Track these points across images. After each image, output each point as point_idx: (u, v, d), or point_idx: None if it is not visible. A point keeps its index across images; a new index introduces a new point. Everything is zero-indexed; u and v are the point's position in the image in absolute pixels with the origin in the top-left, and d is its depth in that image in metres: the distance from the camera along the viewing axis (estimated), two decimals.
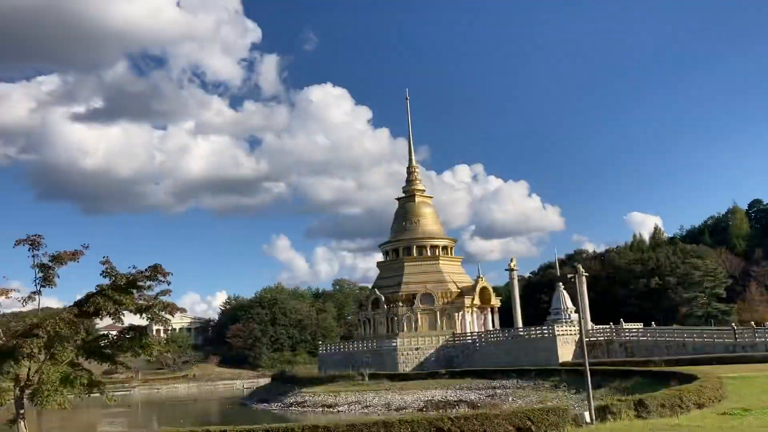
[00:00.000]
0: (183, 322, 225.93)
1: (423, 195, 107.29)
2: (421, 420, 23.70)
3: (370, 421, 23.35)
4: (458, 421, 23.92)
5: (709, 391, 32.96)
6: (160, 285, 26.41)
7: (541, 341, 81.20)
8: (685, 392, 31.14)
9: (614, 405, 27.94)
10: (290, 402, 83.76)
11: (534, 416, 25.04)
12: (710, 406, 32.38)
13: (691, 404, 31.19)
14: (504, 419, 24.53)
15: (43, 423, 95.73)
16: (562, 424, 25.55)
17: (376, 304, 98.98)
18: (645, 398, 29.11)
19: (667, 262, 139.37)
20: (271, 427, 23.24)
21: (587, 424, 26.72)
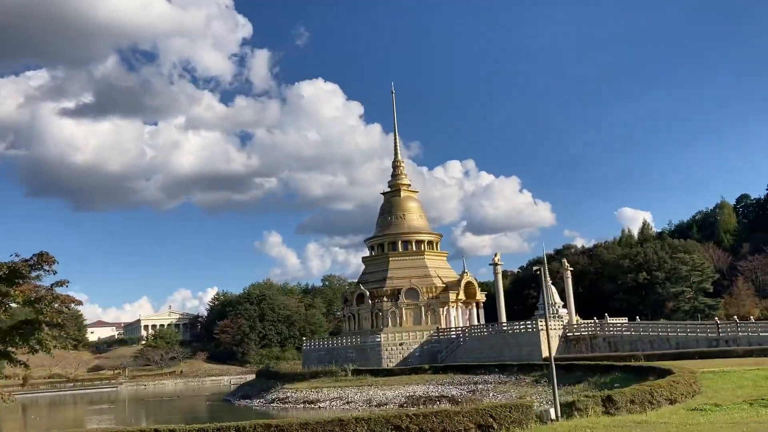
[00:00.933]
0: (171, 318, 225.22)
1: (408, 189, 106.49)
2: (378, 418, 22.96)
3: (324, 420, 22.61)
4: (417, 418, 23.20)
5: (681, 387, 32.35)
6: (50, 275, 25.12)
7: (524, 336, 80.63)
8: (656, 388, 30.50)
9: (581, 401, 27.24)
10: (272, 398, 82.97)
11: (496, 413, 24.32)
12: (682, 402, 31.82)
13: (663, 400, 30.59)
14: (465, 417, 23.82)
15: (29, 419, 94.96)
16: (525, 421, 24.85)
17: (361, 299, 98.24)
18: (613, 394, 28.45)
19: (655, 257, 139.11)
20: (223, 425, 22.47)
21: (552, 420, 26.03)
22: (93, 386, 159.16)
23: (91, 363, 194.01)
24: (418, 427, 23.15)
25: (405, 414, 23.32)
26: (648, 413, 28.27)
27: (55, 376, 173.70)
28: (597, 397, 28.04)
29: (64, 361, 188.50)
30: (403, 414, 23.33)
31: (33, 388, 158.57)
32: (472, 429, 23.78)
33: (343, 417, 22.98)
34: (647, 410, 29.09)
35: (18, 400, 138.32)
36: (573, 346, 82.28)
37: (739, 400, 31.36)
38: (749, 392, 34.79)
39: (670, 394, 31.16)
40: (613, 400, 28.00)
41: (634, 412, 28.53)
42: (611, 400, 27.97)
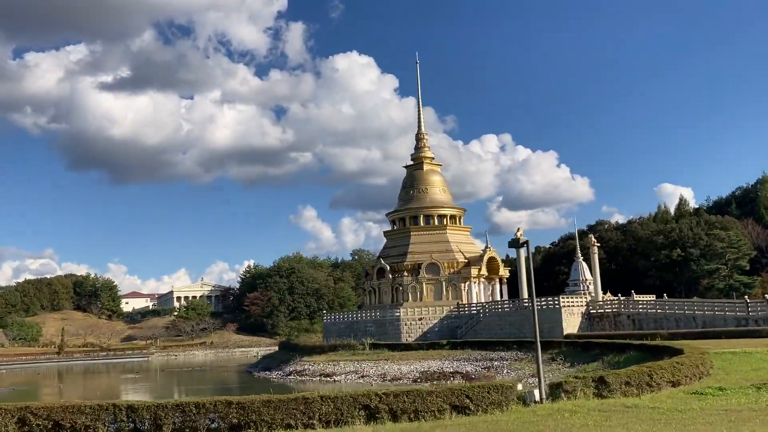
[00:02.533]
0: (203, 290, 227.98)
1: (432, 163, 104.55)
2: (345, 396, 21.88)
3: (288, 398, 21.61)
4: (387, 398, 22.03)
5: (686, 368, 30.50)
6: None
7: (545, 312, 78.82)
8: (656, 369, 28.71)
9: (569, 382, 25.61)
10: (290, 371, 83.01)
11: (473, 394, 22.99)
12: (686, 384, 30.01)
13: (664, 382, 28.81)
14: (439, 397, 22.55)
15: (65, 387, 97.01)
16: (506, 403, 23.47)
17: (382, 273, 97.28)
18: (606, 375, 26.79)
19: (690, 233, 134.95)
20: (184, 401, 21.68)
21: (536, 402, 24.60)
22: (125, 356, 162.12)
23: (124, 333, 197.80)
24: (389, 407, 22.01)
25: (375, 393, 22.19)
26: (644, 396, 26.61)
27: (88, 345, 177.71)
28: (588, 378, 26.40)
29: (98, 331, 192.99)
30: (372, 393, 22.20)
31: (68, 356, 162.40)
32: (446, 410, 22.53)
33: (308, 395, 21.97)
34: (645, 393, 27.40)
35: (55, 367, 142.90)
36: (596, 323, 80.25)
37: (747, 384, 29.45)
38: (762, 375, 32.78)
39: (673, 376, 29.36)
40: (606, 381, 26.35)
41: (630, 395, 26.86)
42: (604, 382, 26.33)
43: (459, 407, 22.79)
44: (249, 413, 21.30)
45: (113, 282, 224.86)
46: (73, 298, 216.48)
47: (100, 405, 21.20)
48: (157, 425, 21.28)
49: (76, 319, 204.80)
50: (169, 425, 21.30)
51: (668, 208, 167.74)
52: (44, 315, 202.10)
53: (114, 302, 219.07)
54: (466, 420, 21.81)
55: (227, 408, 21.37)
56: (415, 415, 22.15)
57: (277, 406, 21.38)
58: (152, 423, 21.28)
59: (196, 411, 21.41)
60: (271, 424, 21.18)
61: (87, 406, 21.07)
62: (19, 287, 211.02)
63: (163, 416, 21.34)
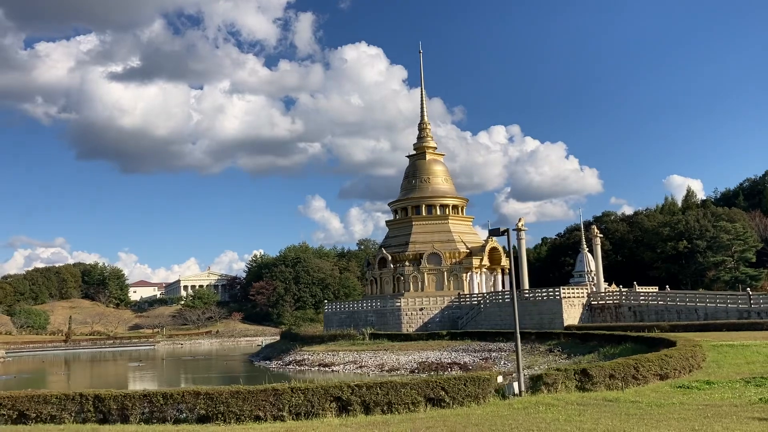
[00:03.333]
0: (210, 279, 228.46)
1: (434, 152, 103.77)
2: (316, 388, 21.44)
3: (257, 389, 21.21)
4: (359, 390, 21.57)
5: (675, 361, 29.87)
6: None
7: (546, 303, 78.29)
8: (642, 362, 28.09)
9: (549, 375, 25.02)
10: (289, 360, 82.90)
11: (449, 386, 22.49)
12: (675, 377, 29.43)
13: (651, 375, 28.22)
14: (413, 389, 22.06)
15: (74, 375, 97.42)
16: (483, 396, 22.95)
17: (383, 263, 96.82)
18: (590, 368, 26.18)
19: (697, 225, 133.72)
20: (150, 392, 21.32)
21: (515, 395, 24.07)
22: (131, 344, 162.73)
23: (131, 321, 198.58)
24: (361, 399, 21.55)
25: (346, 385, 21.73)
26: (628, 390, 26.04)
27: (96, 333, 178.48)
28: (570, 370, 25.78)
29: (105, 319, 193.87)
30: (344, 385, 21.75)
31: (75, 344, 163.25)
32: (421, 403, 22.04)
33: (278, 386, 21.54)
34: (630, 386, 26.83)
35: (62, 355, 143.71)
36: (598, 314, 79.56)
37: (737, 378, 28.85)
38: (754, 369, 32.18)
39: (661, 369, 28.74)
40: (588, 374, 25.76)
41: (615, 388, 26.29)
42: (587, 375, 25.74)
43: (434, 400, 22.30)
44: (217, 404, 20.92)
45: (121, 271, 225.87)
46: (81, 287, 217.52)
47: (66, 395, 20.89)
48: (125, 415, 20.94)
49: (84, 308, 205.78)
50: (136, 415, 20.96)
51: (675, 200, 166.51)
52: (52, 303, 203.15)
53: (122, 291, 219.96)
54: (439, 413, 21.32)
55: (195, 399, 20.98)
56: (389, 408, 21.69)
57: (246, 397, 20.97)
58: (119, 413, 20.93)
59: (164, 401, 21.06)
60: (240, 415, 20.79)
61: (53, 396, 20.76)
62: (28, 276, 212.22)
63: (130, 406, 21.00)
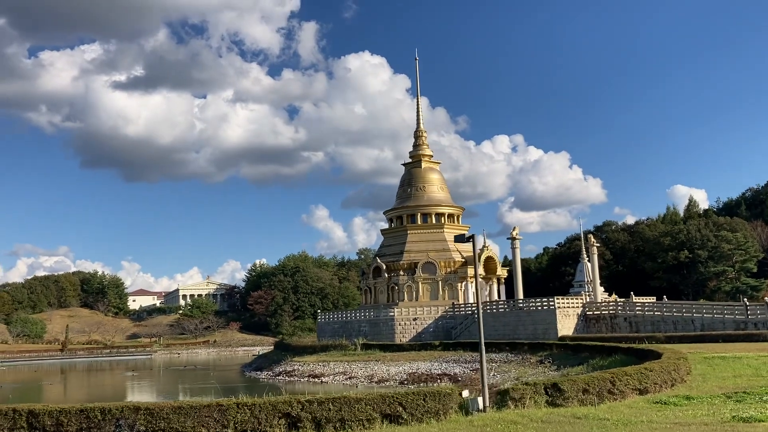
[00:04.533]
0: (209, 288, 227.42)
1: (430, 161, 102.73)
2: (264, 404, 20.25)
3: (201, 404, 20.05)
4: (310, 405, 20.38)
5: (656, 375, 28.55)
6: None
7: (540, 314, 76.92)
8: (619, 376, 26.78)
9: (517, 389, 23.74)
10: (280, 371, 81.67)
11: (407, 402, 21.26)
12: (655, 392, 28.09)
13: (629, 390, 26.90)
14: (368, 405, 20.84)
15: (69, 385, 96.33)
16: (443, 412, 21.72)
17: (378, 272, 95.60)
18: (561, 382, 24.89)
19: (698, 234, 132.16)
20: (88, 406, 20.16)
21: (479, 411, 22.84)
22: (128, 353, 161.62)
23: (129, 330, 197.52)
24: (311, 415, 20.34)
25: (296, 400, 20.53)
26: (602, 405, 24.73)
27: (93, 343, 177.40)
28: (540, 384, 24.50)
29: (103, 328, 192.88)
30: (294, 400, 20.54)
31: (71, 353, 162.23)
32: (376, 419, 20.81)
33: (223, 401, 20.35)
34: (606, 401, 25.53)
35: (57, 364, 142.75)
36: (593, 325, 78.16)
37: (720, 392, 27.53)
38: (739, 383, 30.83)
39: (639, 383, 27.42)
40: (560, 389, 24.47)
41: (589, 403, 24.99)
42: (558, 389, 24.45)
43: (391, 416, 21.06)
44: (158, 420, 19.78)
45: (120, 280, 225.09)
46: (80, 296, 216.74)
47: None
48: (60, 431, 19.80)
49: (83, 317, 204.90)
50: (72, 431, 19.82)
51: (677, 210, 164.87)
52: (51, 312, 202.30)
53: (121, 300, 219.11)
54: (394, 430, 20.13)
55: (135, 414, 19.84)
56: (341, 425, 20.48)
57: (188, 412, 19.81)
58: (55, 429, 19.79)
59: (102, 417, 19.92)
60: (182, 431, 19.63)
61: None
62: (27, 284, 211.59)
63: (66, 422, 19.87)
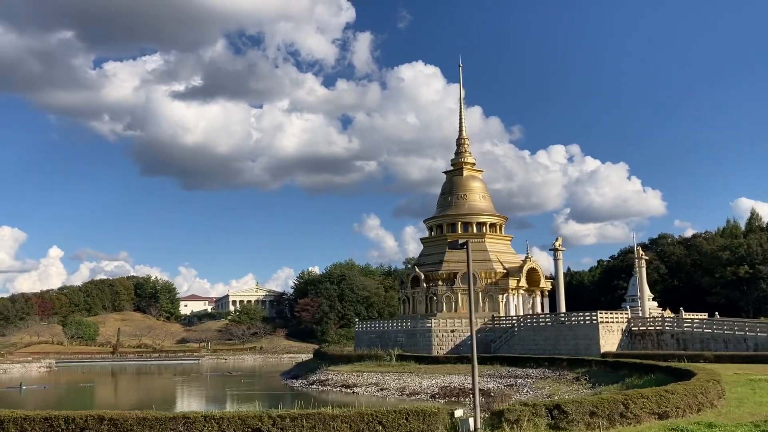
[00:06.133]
0: (258, 294, 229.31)
1: (472, 168, 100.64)
2: (233, 417, 19.08)
3: (167, 417, 19.02)
4: (282, 421, 19.10)
5: (678, 398, 26.21)
6: None
7: (581, 328, 73.86)
8: (635, 398, 24.60)
9: (512, 411, 21.97)
10: (314, 380, 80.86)
11: (388, 420, 19.77)
12: (677, 417, 25.77)
13: (645, 414, 24.68)
14: (344, 422, 19.44)
15: (120, 388, 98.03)
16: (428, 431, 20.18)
17: (416, 282, 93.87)
18: (564, 404, 22.92)
19: (759, 249, 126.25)
20: (53, 414, 19.39)
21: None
22: (176, 358, 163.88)
23: (179, 335, 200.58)
24: (282, 431, 19.09)
25: (268, 415, 19.29)
26: (613, 430, 22.75)
27: (143, 346, 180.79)
28: (541, 405, 22.59)
29: (154, 332, 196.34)
30: (265, 415, 19.32)
31: (121, 356, 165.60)
32: None
33: (190, 414, 19.28)
34: (617, 426, 23.44)
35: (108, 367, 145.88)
36: (638, 341, 74.68)
37: (750, 420, 25.06)
38: None
39: (658, 407, 25.17)
40: (564, 411, 22.52)
41: (597, 427, 22.96)
42: (562, 411, 22.53)
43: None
44: (121, 430, 18.85)
45: (173, 284, 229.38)
46: (134, 300, 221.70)
47: None
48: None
49: (135, 320, 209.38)
50: None
51: (738, 223, 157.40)
52: (105, 315, 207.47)
53: (173, 305, 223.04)
54: None
55: (99, 424, 18.96)
56: None
57: (153, 424, 18.82)
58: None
59: (65, 425, 19.12)
60: None
61: None
62: (83, 288, 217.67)
63: (29, 429, 19.15)
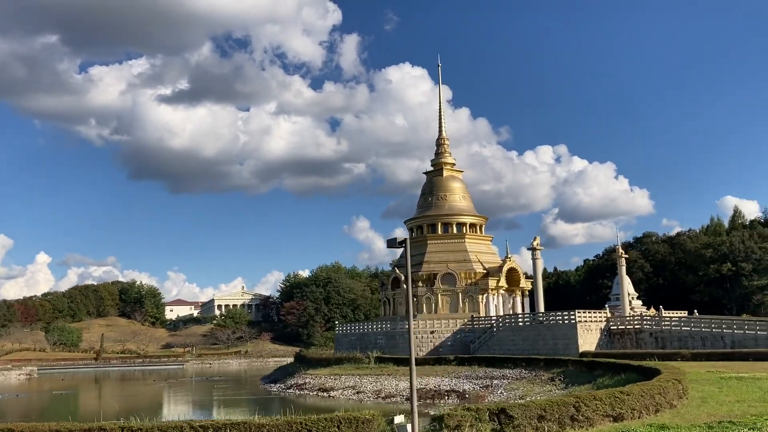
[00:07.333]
0: (244, 298, 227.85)
1: (452, 169, 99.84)
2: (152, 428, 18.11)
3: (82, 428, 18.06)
4: (204, 431, 18.20)
5: (634, 399, 25.39)
6: None
7: (560, 328, 73.13)
8: (586, 400, 23.74)
9: (453, 416, 21.08)
10: (291, 383, 79.92)
11: (317, 429, 18.89)
12: (633, 418, 24.99)
13: (599, 416, 23.89)
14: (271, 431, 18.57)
15: (100, 394, 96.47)
16: None
17: (396, 283, 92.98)
18: (510, 408, 22.04)
19: (742, 246, 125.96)
20: None
21: None
22: (160, 363, 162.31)
23: (164, 340, 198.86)
24: None
25: (188, 425, 18.37)
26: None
27: (127, 352, 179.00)
28: (484, 410, 21.73)
29: (138, 338, 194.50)
30: (186, 425, 18.39)
31: (105, 362, 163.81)
32: None
33: (106, 425, 18.32)
34: (566, 429, 22.66)
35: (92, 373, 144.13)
36: (617, 340, 74.10)
37: (704, 421, 24.28)
38: (735, 409, 27.44)
39: (612, 409, 24.36)
40: (510, 415, 21.67)
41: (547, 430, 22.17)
42: (508, 416, 21.67)
43: None
44: None
45: (157, 290, 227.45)
46: (119, 305, 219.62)
47: None
48: None
49: (120, 326, 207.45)
50: None
51: (721, 221, 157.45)
52: (89, 321, 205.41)
53: (158, 309, 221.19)
54: None
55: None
56: None
57: None
58: None
59: None
60: None
61: None
62: (67, 293, 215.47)
63: None
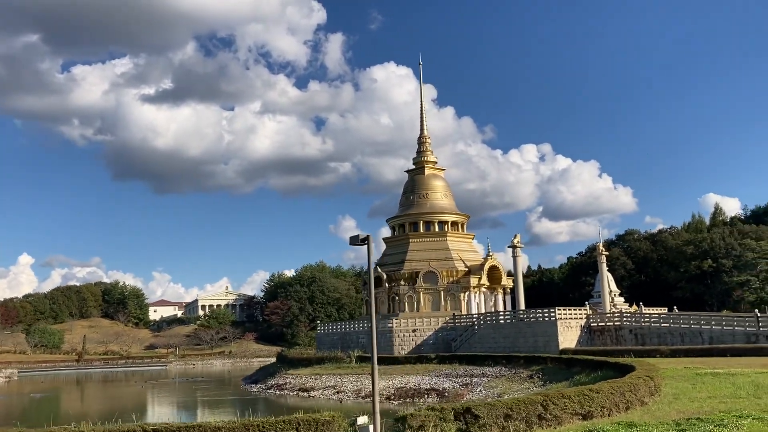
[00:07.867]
0: (228, 299, 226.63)
1: (434, 167, 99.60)
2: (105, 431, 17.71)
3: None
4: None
5: (603, 397, 25.18)
6: None
7: (540, 325, 73.18)
8: (554, 399, 23.51)
9: (416, 416, 20.71)
10: (272, 384, 79.41)
11: (275, 430, 18.52)
12: (602, 416, 24.80)
13: (568, 415, 23.66)
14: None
15: (78, 396, 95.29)
16: None
17: (378, 282, 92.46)
18: (477, 407, 21.72)
19: (722, 243, 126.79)
20: None
21: None
22: (143, 364, 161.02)
23: (147, 341, 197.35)
24: None
25: (141, 428, 17.91)
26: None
27: (110, 353, 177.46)
28: (449, 410, 21.41)
29: (121, 339, 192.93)
30: (139, 428, 17.93)
31: (87, 363, 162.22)
32: None
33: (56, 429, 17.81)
34: (535, 429, 22.40)
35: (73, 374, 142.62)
36: (597, 337, 74.23)
37: (673, 418, 24.12)
38: (705, 405, 27.34)
39: (581, 407, 24.16)
40: (475, 415, 21.38)
41: (514, 430, 21.87)
42: (473, 416, 21.37)
43: None
44: None
45: (141, 290, 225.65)
46: (101, 306, 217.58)
47: None
48: None
49: (103, 327, 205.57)
50: None
51: (703, 218, 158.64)
52: (72, 322, 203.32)
53: (141, 310, 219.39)
54: None
55: None
56: None
57: None
58: None
59: None
60: None
61: None
62: (49, 295, 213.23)
63: None
